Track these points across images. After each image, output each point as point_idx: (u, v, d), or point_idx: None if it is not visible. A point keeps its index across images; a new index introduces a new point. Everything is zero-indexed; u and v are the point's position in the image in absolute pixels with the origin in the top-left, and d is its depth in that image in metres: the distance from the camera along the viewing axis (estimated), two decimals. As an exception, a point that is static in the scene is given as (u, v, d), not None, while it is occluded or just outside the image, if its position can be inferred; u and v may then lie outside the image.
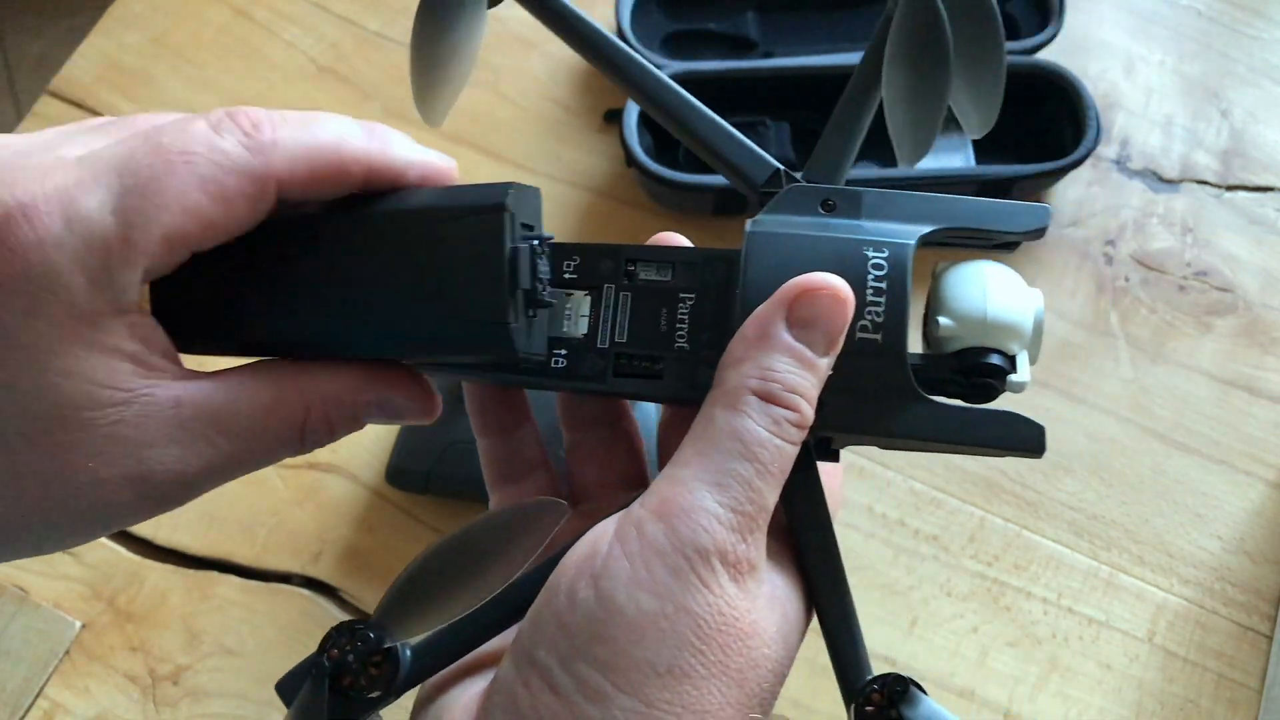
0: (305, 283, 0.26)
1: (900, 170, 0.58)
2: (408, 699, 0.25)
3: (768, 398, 0.23)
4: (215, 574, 0.51)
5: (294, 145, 0.24)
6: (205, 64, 0.63)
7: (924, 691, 0.24)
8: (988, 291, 0.27)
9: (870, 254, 0.26)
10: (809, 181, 0.28)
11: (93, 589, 0.51)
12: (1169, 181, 0.61)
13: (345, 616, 0.50)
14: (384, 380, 0.26)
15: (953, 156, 0.60)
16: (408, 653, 0.24)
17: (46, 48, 1.34)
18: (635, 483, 0.32)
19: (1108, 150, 0.62)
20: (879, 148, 0.60)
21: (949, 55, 0.27)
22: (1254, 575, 0.53)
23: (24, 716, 0.48)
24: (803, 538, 0.26)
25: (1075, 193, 0.61)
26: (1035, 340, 0.27)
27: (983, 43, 0.26)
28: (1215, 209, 0.61)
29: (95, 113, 0.61)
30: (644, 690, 0.22)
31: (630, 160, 0.56)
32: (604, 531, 0.24)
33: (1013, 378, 0.26)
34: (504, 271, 0.24)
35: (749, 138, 0.31)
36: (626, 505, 0.24)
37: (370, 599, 0.51)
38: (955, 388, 0.27)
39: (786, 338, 0.24)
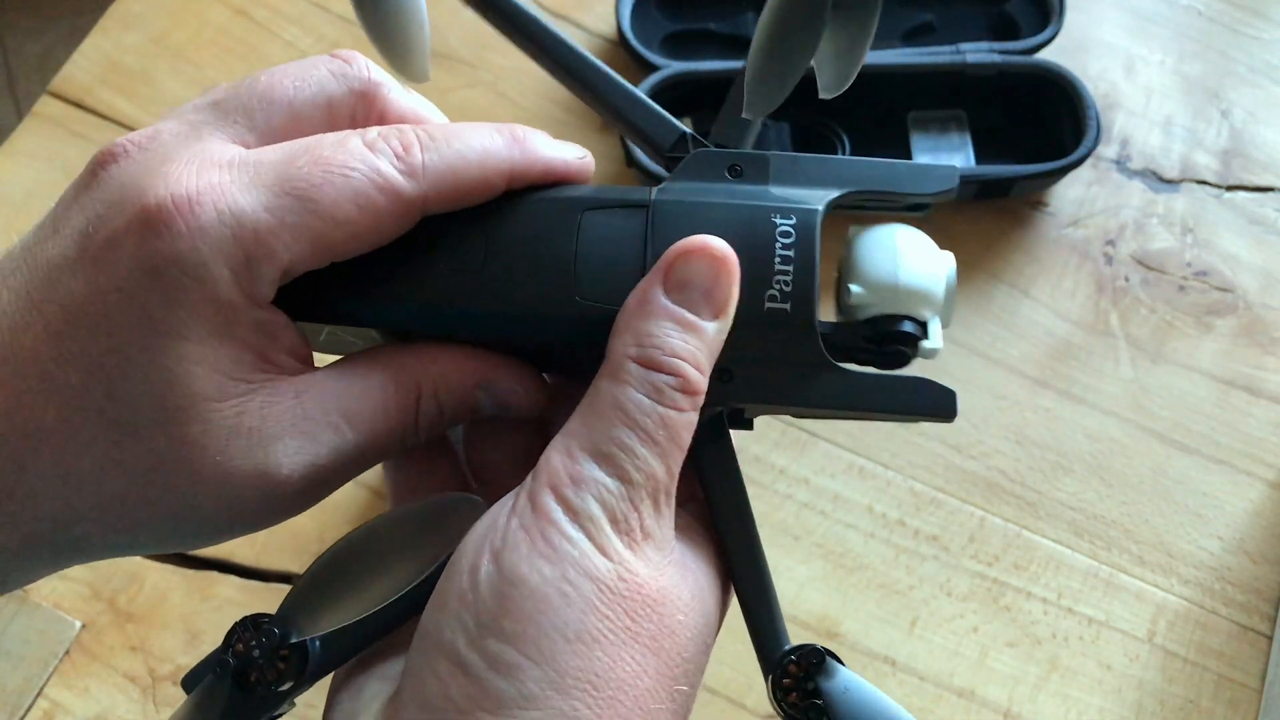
0: (429, 255, 0.26)
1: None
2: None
3: (648, 364, 0.24)
4: (215, 574, 0.51)
5: (442, 167, 0.25)
6: (205, 64, 0.63)
7: (840, 662, 0.24)
8: (899, 258, 0.26)
9: (778, 221, 0.26)
10: (716, 146, 0.28)
11: (92, 589, 0.51)
12: (1169, 181, 0.61)
13: (345, 616, 0.51)
14: (491, 363, 0.26)
15: (953, 156, 0.60)
16: (316, 644, 0.24)
17: (46, 48, 1.34)
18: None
19: (1108, 150, 0.62)
20: (879, 149, 0.60)
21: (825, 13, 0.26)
22: (1254, 575, 0.53)
23: (24, 716, 0.48)
24: (716, 509, 0.26)
25: (1075, 193, 0.61)
26: (948, 305, 0.27)
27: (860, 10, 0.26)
28: (1215, 209, 0.61)
29: (95, 113, 0.61)
30: (555, 659, 0.21)
31: (630, 160, 0.56)
32: (501, 507, 0.24)
33: (925, 344, 0.26)
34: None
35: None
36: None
37: (370, 599, 0.51)
38: (867, 355, 0.27)
39: (665, 302, 0.24)
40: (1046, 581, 0.52)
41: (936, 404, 0.25)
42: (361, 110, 0.27)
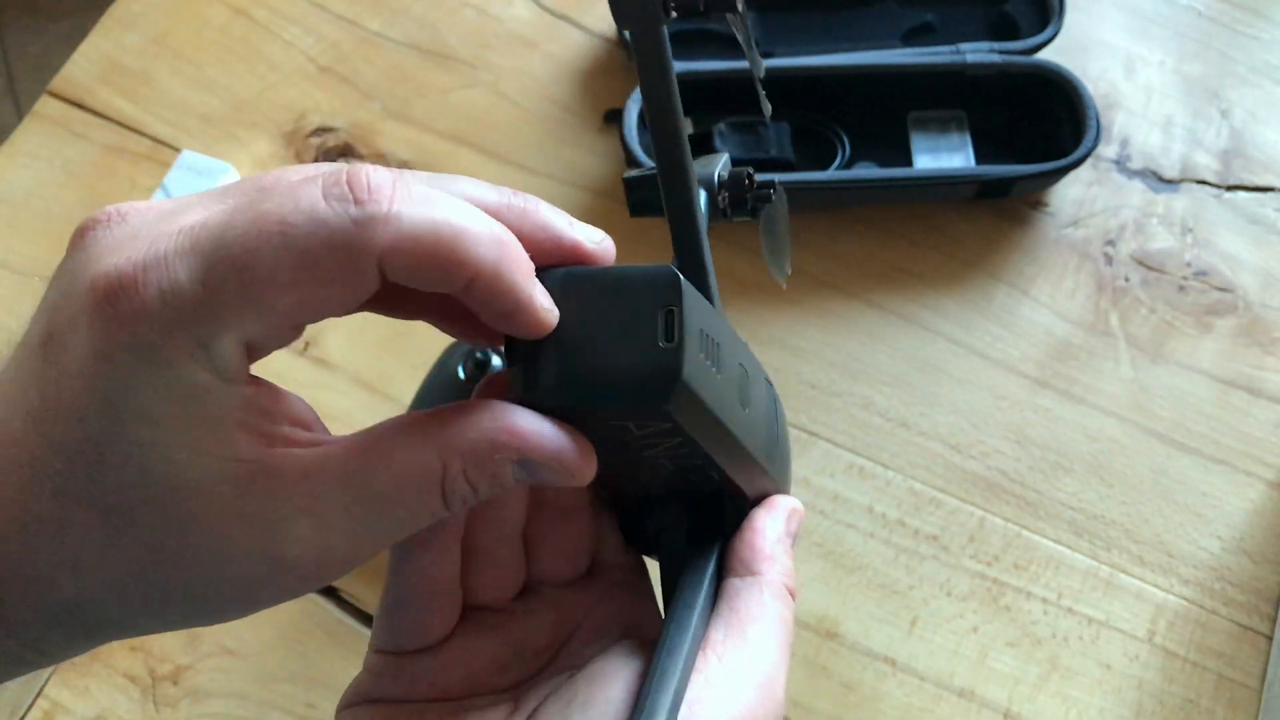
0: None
1: (901, 170, 0.58)
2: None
3: (793, 594, 0.28)
4: (215, 574, 0.51)
5: (409, 225, 0.21)
6: (205, 64, 0.63)
7: None
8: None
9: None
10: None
11: (93, 589, 0.51)
12: (1169, 181, 0.61)
13: (345, 617, 0.50)
14: (526, 435, 0.23)
15: (953, 156, 0.60)
16: None
17: (46, 48, 1.34)
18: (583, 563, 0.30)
19: (1108, 150, 0.62)
20: (879, 149, 0.60)
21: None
22: (1254, 575, 0.53)
23: (24, 716, 0.48)
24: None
25: (1075, 193, 0.61)
26: None
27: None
28: (1215, 209, 0.61)
29: (95, 113, 0.61)
30: None
31: (630, 161, 0.56)
32: None
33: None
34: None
35: (748, 138, 0.31)
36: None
37: (370, 599, 0.51)
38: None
39: (788, 543, 0.29)
40: (1046, 581, 0.52)
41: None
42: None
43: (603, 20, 0.64)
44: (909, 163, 0.59)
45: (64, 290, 0.22)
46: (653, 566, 0.30)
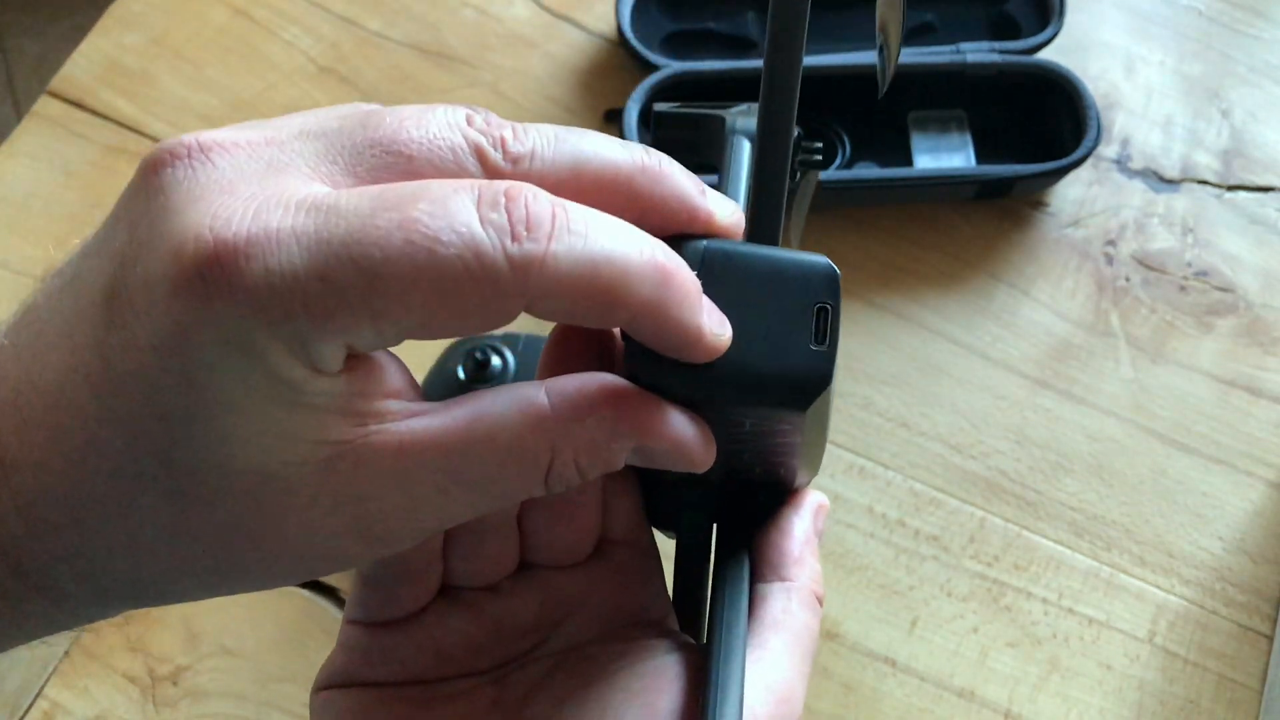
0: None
1: (901, 170, 0.58)
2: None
3: (821, 601, 0.28)
4: (215, 574, 0.51)
5: (571, 269, 0.19)
6: (205, 63, 0.63)
7: None
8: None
9: None
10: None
11: (92, 589, 0.51)
12: (1169, 181, 0.61)
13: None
14: (652, 425, 0.21)
15: (954, 156, 0.60)
16: None
17: (46, 48, 1.34)
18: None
19: (1108, 150, 0.62)
20: (879, 149, 0.60)
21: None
22: (1255, 576, 0.52)
23: (23, 716, 0.48)
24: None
25: (1075, 193, 0.61)
26: None
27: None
28: (1216, 209, 0.61)
29: (95, 113, 0.61)
30: None
31: (630, 160, 0.56)
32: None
33: None
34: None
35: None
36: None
37: (370, 599, 0.51)
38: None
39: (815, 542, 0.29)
40: (1047, 582, 0.52)
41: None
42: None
43: (602, 20, 0.64)
44: (909, 163, 0.59)
45: (139, 239, 0.19)
46: (663, 541, 0.29)
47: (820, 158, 0.30)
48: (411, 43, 0.64)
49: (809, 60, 0.59)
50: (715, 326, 0.21)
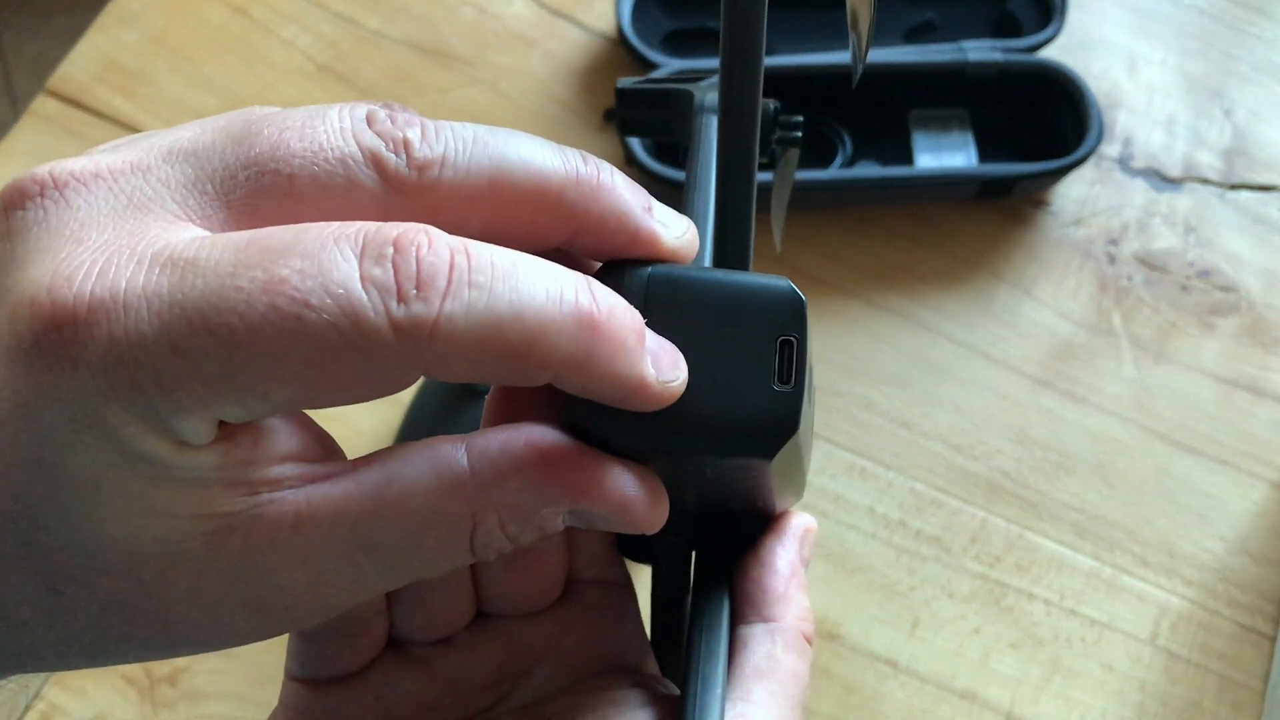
0: None
1: (902, 169, 0.58)
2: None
3: (810, 641, 0.24)
4: (213, 575, 0.51)
5: (464, 329, 0.16)
6: (203, 62, 0.63)
7: None
8: None
9: None
10: None
11: (90, 590, 0.51)
12: (1172, 181, 0.61)
13: (344, 618, 0.50)
14: (588, 486, 0.19)
15: (955, 155, 0.60)
16: None
17: (44, 46, 1.34)
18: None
19: (1110, 149, 0.62)
20: (880, 148, 0.60)
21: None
22: (1257, 576, 0.52)
23: (21, 718, 0.48)
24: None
25: (1077, 192, 0.60)
26: None
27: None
28: (1218, 208, 0.61)
29: (93, 111, 0.61)
30: None
31: (630, 160, 0.56)
32: None
33: None
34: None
35: None
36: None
37: (369, 600, 0.50)
38: None
39: (802, 575, 0.25)
40: (1049, 583, 0.52)
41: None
42: (398, 206, 0.18)
43: (602, 19, 0.64)
44: (910, 161, 0.59)
45: None
46: (637, 572, 0.27)
47: (800, 134, 0.27)
48: (410, 41, 0.64)
49: (809, 60, 0.59)
50: (665, 372, 0.18)
